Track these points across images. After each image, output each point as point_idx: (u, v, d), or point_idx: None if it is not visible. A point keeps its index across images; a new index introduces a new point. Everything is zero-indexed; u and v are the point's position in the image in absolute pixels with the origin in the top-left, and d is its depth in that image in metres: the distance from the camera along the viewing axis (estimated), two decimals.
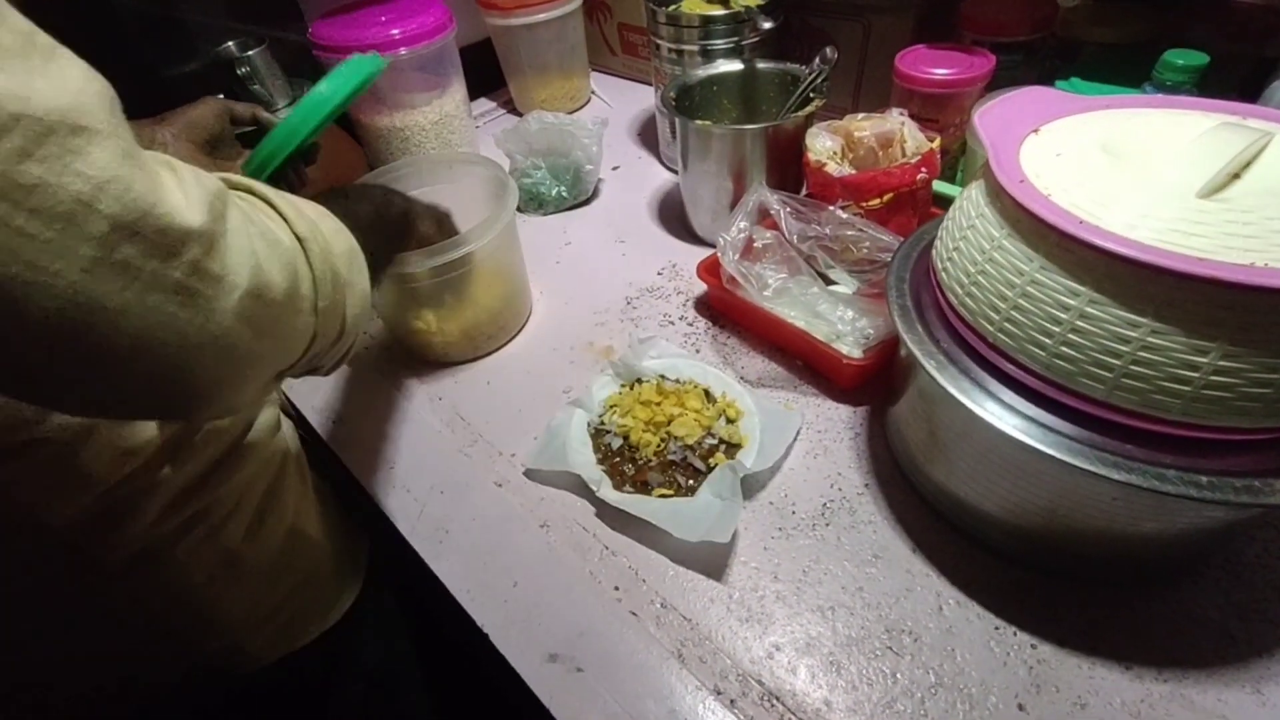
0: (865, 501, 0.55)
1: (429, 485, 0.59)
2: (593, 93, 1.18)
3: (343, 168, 0.89)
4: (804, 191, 0.72)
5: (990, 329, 0.41)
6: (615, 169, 1.00)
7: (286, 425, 0.60)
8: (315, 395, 0.68)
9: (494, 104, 1.22)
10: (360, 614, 0.60)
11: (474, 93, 1.08)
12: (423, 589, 0.55)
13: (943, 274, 0.46)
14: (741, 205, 0.63)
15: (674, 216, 0.88)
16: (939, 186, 0.73)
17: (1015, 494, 0.45)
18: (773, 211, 0.63)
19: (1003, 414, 0.40)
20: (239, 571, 0.50)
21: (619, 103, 1.15)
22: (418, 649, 0.67)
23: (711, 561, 0.52)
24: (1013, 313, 0.39)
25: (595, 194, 0.94)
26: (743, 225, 0.62)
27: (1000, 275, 0.40)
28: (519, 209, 0.91)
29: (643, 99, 1.13)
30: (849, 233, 0.60)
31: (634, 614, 0.49)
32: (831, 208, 0.61)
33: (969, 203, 0.45)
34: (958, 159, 0.78)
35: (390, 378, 0.70)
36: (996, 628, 0.46)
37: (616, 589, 0.51)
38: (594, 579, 0.52)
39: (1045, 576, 0.48)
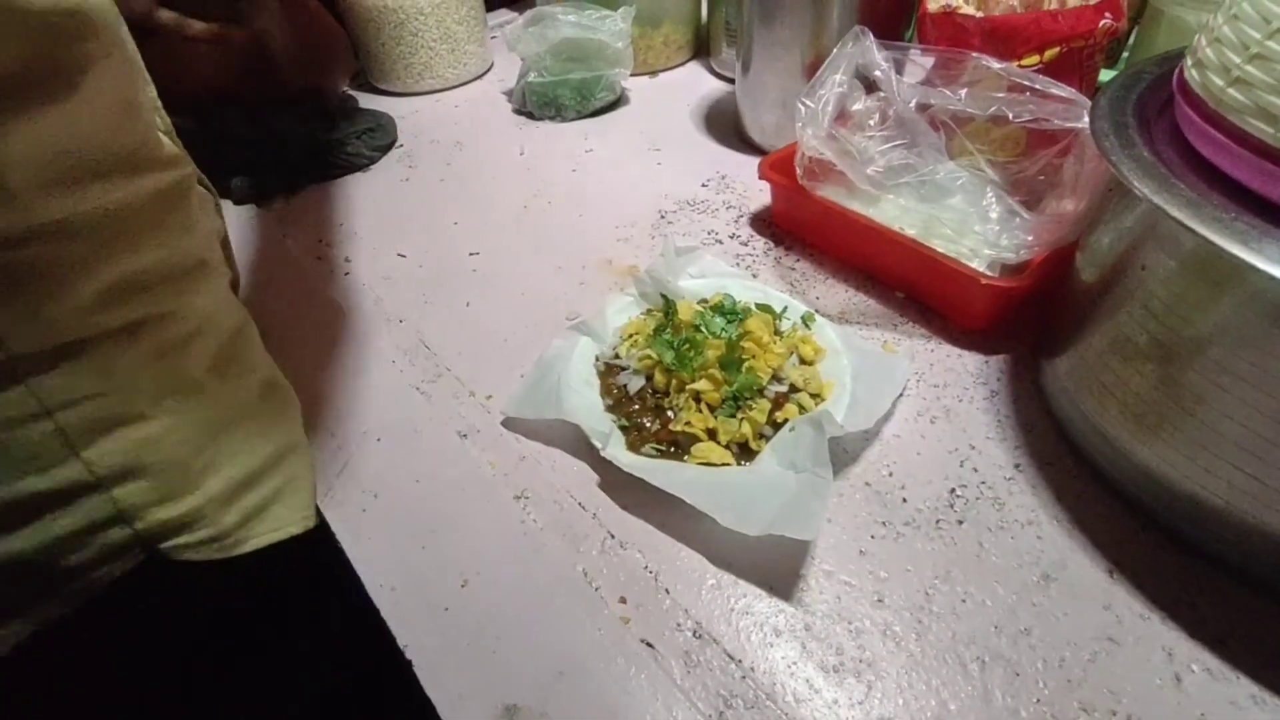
0: (1018, 491, 0.35)
1: (363, 430, 0.41)
2: None
3: (321, 52, 0.72)
4: None
5: None
6: (654, 75, 0.81)
7: None
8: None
9: (515, 15, 1.04)
10: None
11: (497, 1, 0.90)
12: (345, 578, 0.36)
13: (1231, 91, 0.26)
14: (834, 57, 0.44)
15: (725, 125, 0.69)
16: (1102, 75, 0.52)
17: None
18: (879, 70, 0.43)
19: None
20: (202, 406, 0.33)
21: None
22: None
23: (775, 567, 0.33)
24: None
25: (624, 99, 0.76)
26: (838, 80, 0.42)
27: None
28: (530, 115, 0.74)
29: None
30: (1000, 94, 0.40)
31: (648, 645, 0.31)
32: (975, 55, 0.41)
33: None
34: (1124, 37, 0.57)
35: (341, 291, 0.52)
36: None
37: (623, 601, 0.32)
38: (589, 583, 0.33)
39: None
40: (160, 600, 0.35)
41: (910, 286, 0.46)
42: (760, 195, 0.58)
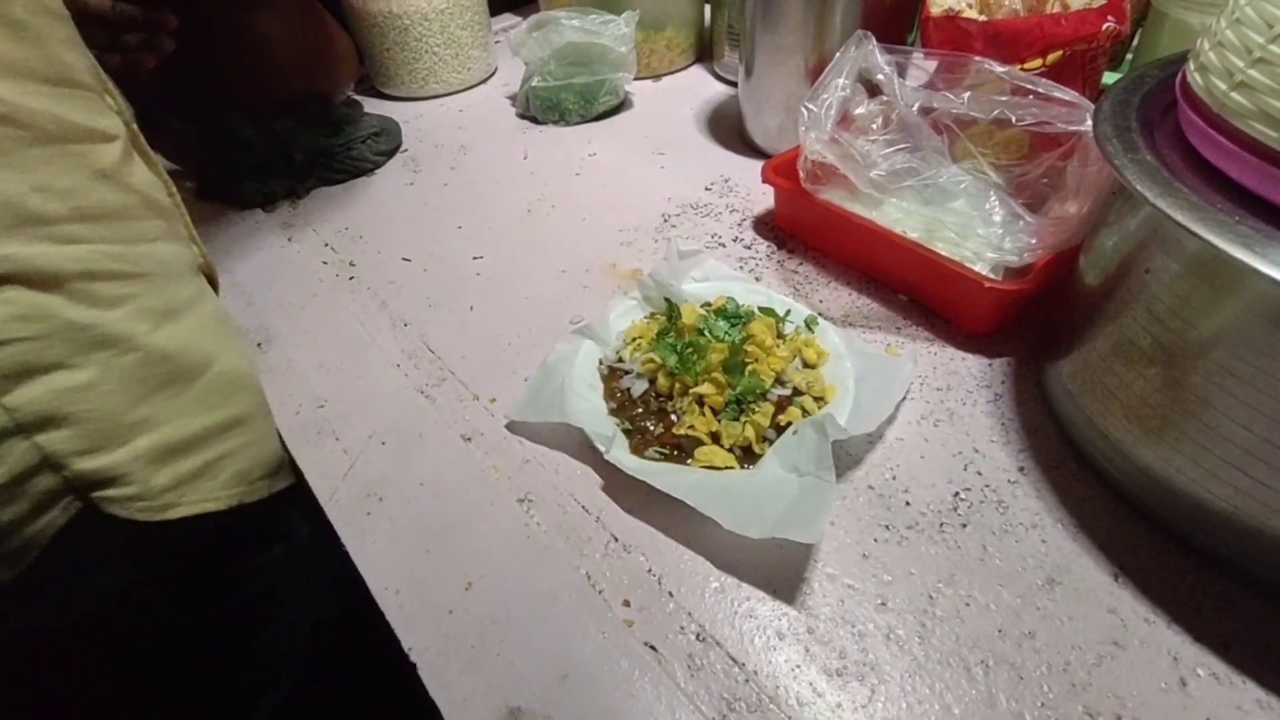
0: (1021, 494, 0.35)
1: (367, 433, 0.41)
2: None
3: (326, 57, 0.72)
4: None
5: None
6: (657, 79, 0.81)
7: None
8: (238, 300, 0.51)
9: (519, 19, 1.04)
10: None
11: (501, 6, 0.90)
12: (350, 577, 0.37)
13: (1234, 95, 0.26)
14: (837, 61, 0.44)
15: (728, 128, 0.70)
16: (1105, 78, 0.52)
17: None
18: (882, 73, 0.43)
19: None
20: (136, 364, 0.32)
21: None
22: None
23: (778, 571, 0.33)
24: None
25: (627, 103, 0.76)
26: (841, 84, 0.42)
27: None
28: (534, 119, 0.74)
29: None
30: (1003, 97, 0.40)
31: (651, 648, 0.31)
32: (978, 58, 0.41)
33: None
34: (1127, 41, 0.57)
35: (346, 294, 0.52)
36: None
37: (627, 604, 0.32)
38: (593, 586, 0.33)
39: None
40: (157, 599, 0.36)
41: (913, 290, 0.46)
42: (763, 199, 0.58)
